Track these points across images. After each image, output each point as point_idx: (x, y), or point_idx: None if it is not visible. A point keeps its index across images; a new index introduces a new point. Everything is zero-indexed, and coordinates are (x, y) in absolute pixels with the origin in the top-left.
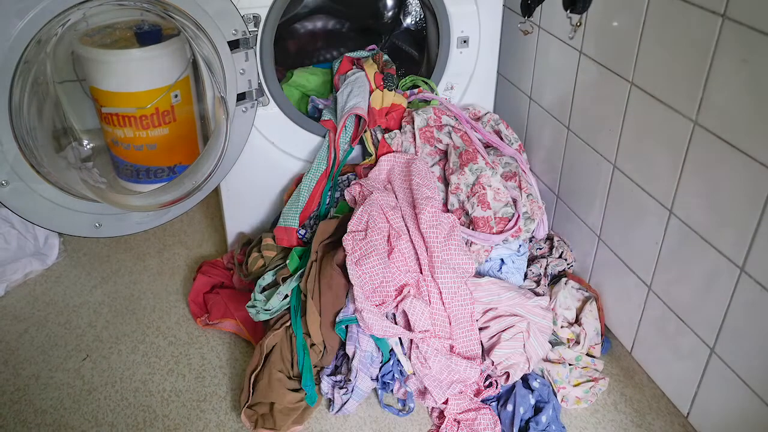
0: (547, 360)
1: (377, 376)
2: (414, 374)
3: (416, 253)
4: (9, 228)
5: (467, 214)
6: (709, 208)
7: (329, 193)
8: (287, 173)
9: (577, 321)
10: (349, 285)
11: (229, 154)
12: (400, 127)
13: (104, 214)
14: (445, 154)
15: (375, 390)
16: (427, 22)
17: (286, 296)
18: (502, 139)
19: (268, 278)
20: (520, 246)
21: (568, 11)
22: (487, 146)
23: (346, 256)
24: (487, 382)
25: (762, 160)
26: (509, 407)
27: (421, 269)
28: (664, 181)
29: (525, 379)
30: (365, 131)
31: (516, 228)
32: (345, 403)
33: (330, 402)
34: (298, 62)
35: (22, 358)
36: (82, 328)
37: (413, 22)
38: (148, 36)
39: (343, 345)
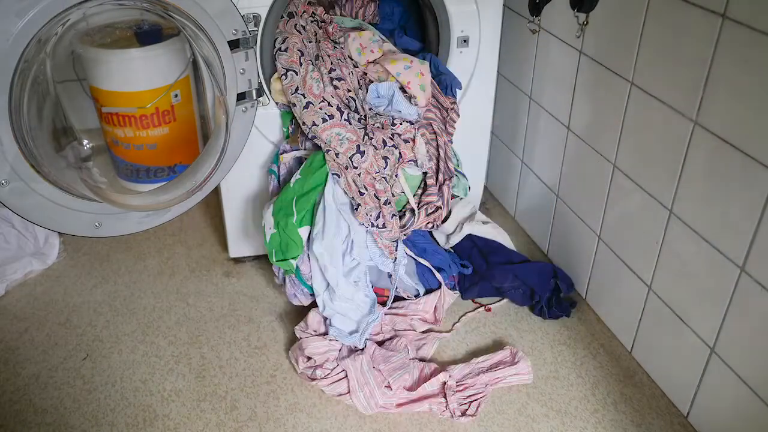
0: None
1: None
2: None
3: None
4: (9, 228)
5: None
6: (709, 208)
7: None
8: None
9: None
10: None
11: (229, 154)
12: None
13: (104, 213)
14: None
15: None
16: (427, 22)
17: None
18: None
19: None
20: None
21: (576, 10)
22: None
23: None
24: None
25: (762, 160)
26: None
27: None
28: (664, 181)
29: None
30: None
31: None
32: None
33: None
34: None
35: (22, 358)
36: (82, 327)
37: None
38: (148, 35)
39: None
